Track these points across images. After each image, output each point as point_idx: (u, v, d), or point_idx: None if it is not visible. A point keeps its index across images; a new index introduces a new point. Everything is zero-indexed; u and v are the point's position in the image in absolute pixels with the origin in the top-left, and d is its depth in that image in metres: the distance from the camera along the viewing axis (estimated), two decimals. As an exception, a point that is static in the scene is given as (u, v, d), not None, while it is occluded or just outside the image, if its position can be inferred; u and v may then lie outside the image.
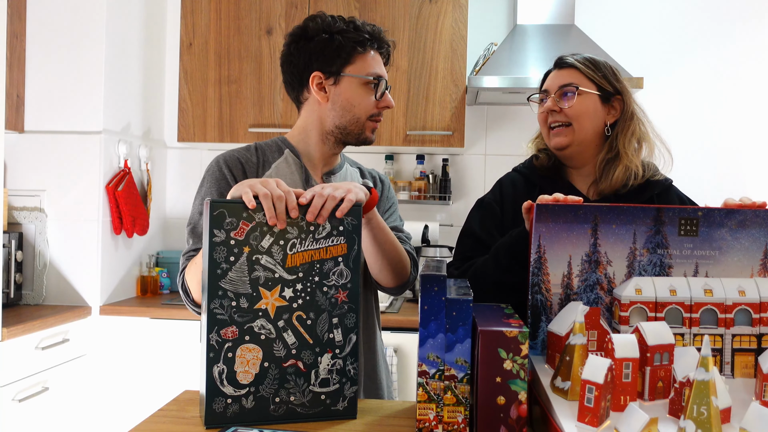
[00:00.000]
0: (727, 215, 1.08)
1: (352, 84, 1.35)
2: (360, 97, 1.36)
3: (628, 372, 0.92)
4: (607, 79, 1.41)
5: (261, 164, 1.38)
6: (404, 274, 1.40)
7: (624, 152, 1.38)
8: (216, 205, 1.01)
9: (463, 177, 3.15)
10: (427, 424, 0.96)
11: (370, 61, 1.36)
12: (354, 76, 1.35)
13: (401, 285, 1.42)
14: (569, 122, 1.39)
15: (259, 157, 1.39)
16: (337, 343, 1.05)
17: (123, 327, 2.62)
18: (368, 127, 1.39)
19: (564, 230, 1.08)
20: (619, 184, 1.38)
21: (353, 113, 1.36)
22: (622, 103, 1.42)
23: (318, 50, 1.34)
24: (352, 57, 1.35)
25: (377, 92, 1.37)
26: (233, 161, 1.36)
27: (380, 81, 1.36)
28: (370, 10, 2.85)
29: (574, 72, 1.41)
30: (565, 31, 2.87)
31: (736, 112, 3.03)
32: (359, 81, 1.35)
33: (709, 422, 0.79)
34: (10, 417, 2.18)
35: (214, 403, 1.01)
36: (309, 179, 1.38)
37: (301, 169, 1.38)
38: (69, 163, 2.63)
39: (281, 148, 1.40)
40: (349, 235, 1.06)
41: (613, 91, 1.41)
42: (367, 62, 1.36)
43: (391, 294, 1.45)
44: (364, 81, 1.35)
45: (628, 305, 1.06)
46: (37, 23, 2.64)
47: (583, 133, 1.39)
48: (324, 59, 1.34)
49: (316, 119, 1.39)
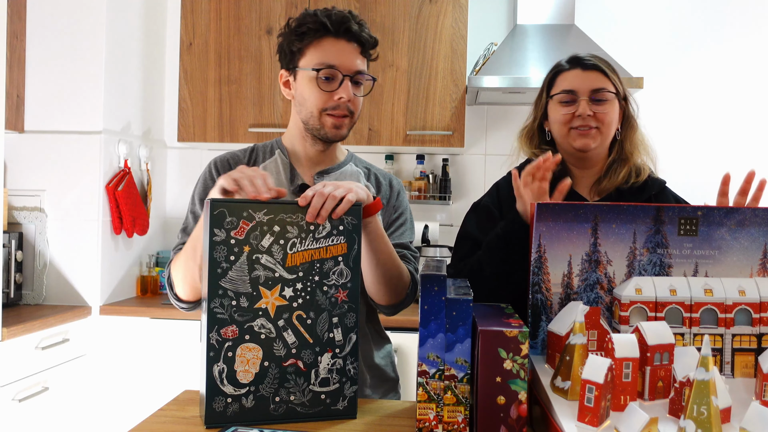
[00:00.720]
0: (726, 215, 1.08)
1: (303, 78, 1.31)
2: (309, 91, 1.30)
3: (628, 372, 0.92)
4: (621, 83, 1.42)
5: (251, 164, 1.39)
6: (400, 292, 1.32)
7: (630, 154, 1.41)
8: (216, 205, 1.01)
9: (463, 177, 3.15)
10: (427, 424, 0.96)
11: (320, 51, 1.29)
12: (303, 69, 1.30)
13: (396, 304, 1.34)
14: (597, 126, 1.38)
15: (251, 158, 1.40)
16: (337, 343, 1.05)
17: (123, 327, 2.62)
18: (326, 123, 1.31)
19: (564, 229, 1.08)
20: (620, 182, 1.41)
21: (306, 107, 1.31)
22: (625, 107, 1.43)
23: (280, 48, 1.35)
24: (303, 50, 1.30)
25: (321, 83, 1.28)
26: (223, 163, 1.38)
27: (323, 71, 1.27)
28: (370, 10, 2.85)
29: (600, 75, 1.40)
30: (565, 31, 2.87)
31: (736, 112, 3.03)
32: (308, 74, 1.30)
33: (710, 422, 0.79)
34: (10, 417, 2.18)
35: (214, 403, 1.01)
36: (295, 179, 1.36)
37: (288, 168, 1.37)
38: (69, 163, 2.63)
39: (274, 149, 1.41)
40: (349, 234, 1.06)
41: (623, 95, 1.42)
42: (318, 53, 1.29)
43: (385, 313, 1.38)
44: (312, 73, 1.29)
45: (628, 305, 1.06)
46: (37, 23, 2.64)
47: (608, 138, 1.41)
48: (284, 56, 1.34)
49: (295, 117, 1.38)
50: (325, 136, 1.33)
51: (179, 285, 1.28)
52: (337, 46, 1.29)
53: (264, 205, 1.03)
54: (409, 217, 1.45)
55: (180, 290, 1.28)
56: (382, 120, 2.84)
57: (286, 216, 1.03)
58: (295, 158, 1.40)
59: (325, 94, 1.29)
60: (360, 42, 1.31)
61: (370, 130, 2.84)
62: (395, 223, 1.42)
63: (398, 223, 1.42)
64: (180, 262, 1.25)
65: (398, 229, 1.41)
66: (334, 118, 1.31)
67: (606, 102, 1.38)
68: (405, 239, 1.41)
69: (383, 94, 2.84)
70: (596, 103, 1.38)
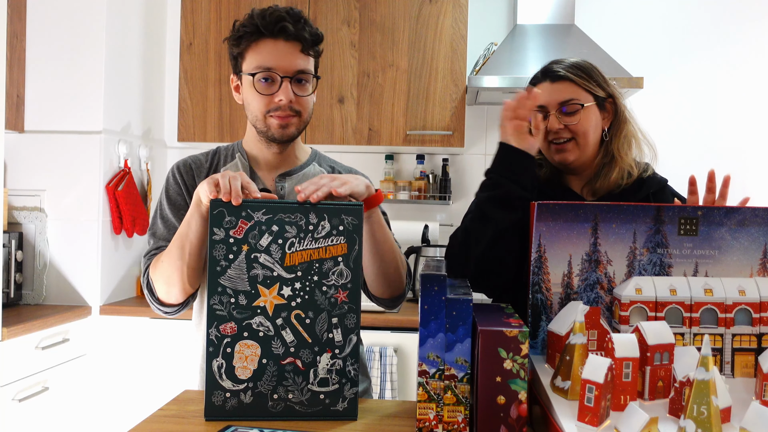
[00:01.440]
0: (726, 215, 1.08)
1: (246, 82, 1.30)
2: (251, 95, 1.29)
3: (628, 371, 0.92)
4: (600, 86, 1.38)
5: (212, 168, 1.39)
6: (399, 284, 1.33)
7: (619, 155, 1.37)
8: (216, 204, 1.03)
9: (463, 177, 3.14)
10: (427, 424, 0.95)
11: (257, 54, 1.26)
12: (245, 74, 1.29)
13: (396, 297, 1.35)
14: (573, 137, 1.36)
15: (213, 162, 1.40)
16: (337, 344, 1.05)
17: (123, 327, 2.62)
18: (272, 124, 1.29)
19: (564, 229, 1.08)
20: (613, 185, 1.38)
21: (251, 112, 1.31)
22: (613, 105, 1.40)
23: (229, 53, 1.34)
24: (244, 53, 1.29)
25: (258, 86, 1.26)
26: (185, 166, 1.38)
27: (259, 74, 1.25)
28: (370, 10, 2.85)
29: (569, 85, 1.36)
30: (565, 31, 2.87)
31: (736, 112, 3.03)
32: (247, 79, 1.28)
33: (710, 422, 0.79)
34: (10, 417, 2.18)
35: (213, 396, 1.02)
36: (256, 182, 1.34)
37: (248, 172, 1.36)
38: (69, 163, 2.63)
39: (234, 153, 1.40)
40: (350, 234, 1.05)
41: (605, 96, 1.39)
42: (256, 56, 1.27)
43: (385, 308, 1.38)
44: (249, 78, 1.27)
45: (628, 305, 1.06)
46: (37, 23, 2.64)
47: (587, 146, 1.37)
48: (231, 61, 1.34)
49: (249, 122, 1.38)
50: (273, 138, 1.31)
51: (162, 288, 1.26)
52: (275, 47, 1.26)
53: (263, 205, 1.03)
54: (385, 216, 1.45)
55: (163, 294, 1.26)
56: (382, 120, 2.84)
57: (284, 216, 1.04)
58: (254, 162, 1.39)
59: (265, 97, 1.27)
60: (299, 40, 1.27)
61: (370, 130, 2.84)
62: None
63: None
64: (164, 265, 1.23)
65: None
66: (279, 119, 1.28)
67: (576, 113, 1.35)
68: None
69: (383, 94, 2.84)
70: (566, 115, 1.35)
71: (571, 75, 1.37)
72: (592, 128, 1.37)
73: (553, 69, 1.39)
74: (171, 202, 1.35)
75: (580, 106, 1.35)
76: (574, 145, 1.36)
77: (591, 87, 1.37)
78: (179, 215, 1.33)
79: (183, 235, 1.19)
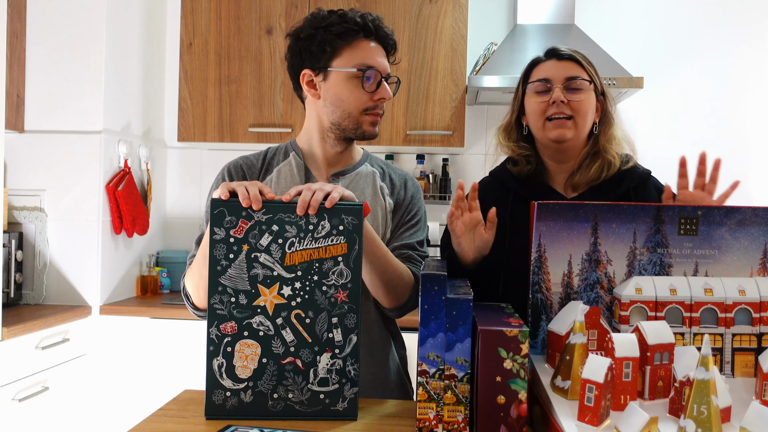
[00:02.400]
0: (726, 214, 1.08)
1: (339, 78, 1.30)
2: (348, 91, 1.30)
3: (628, 371, 0.92)
4: (599, 77, 1.41)
5: (265, 169, 1.38)
6: (401, 294, 1.31)
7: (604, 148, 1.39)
8: (216, 204, 1.03)
9: (463, 177, 3.14)
10: (427, 424, 0.96)
11: (359, 52, 1.30)
12: (340, 70, 1.30)
13: (399, 306, 1.33)
14: (572, 116, 1.35)
15: (265, 162, 1.39)
16: (337, 343, 1.05)
17: (123, 327, 2.62)
18: (365, 122, 1.32)
19: (564, 229, 1.08)
20: (594, 177, 1.38)
21: (343, 108, 1.31)
22: (603, 103, 1.41)
23: (306, 47, 1.32)
24: (338, 50, 1.30)
25: (365, 84, 1.30)
26: (236, 167, 1.38)
27: (367, 72, 1.29)
28: (370, 9, 2.83)
29: (576, 65, 1.38)
30: (565, 31, 2.87)
31: (736, 112, 3.03)
32: (346, 74, 1.30)
33: (710, 421, 0.79)
34: (10, 417, 2.18)
35: (213, 395, 1.03)
36: (310, 180, 1.35)
37: (303, 171, 1.37)
38: (69, 163, 2.63)
39: (288, 151, 1.40)
40: (350, 234, 1.05)
41: (600, 90, 1.41)
42: (356, 54, 1.30)
43: (391, 315, 1.38)
44: (351, 74, 1.29)
45: (628, 304, 1.06)
46: (37, 23, 2.64)
47: (584, 129, 1.38)
48: (311, 56, 1.32)
49: (315, 118, 1.36)
50: (362, 135, 1.34)
51: (194, 295, 1.28)
52: (371, 49, 1.31)
53: (263, 205, 1.03)
54: (422, 218, 1.43)
55: (196, 300, 1.28)
56: (382, 120, 2.83)
57: (284, 216, 1.04)
58: (310, 160, 1.39)
59: (366, 94, 1.30)
60: (386, 43, 1.35)
61: (370, 130, 2.84)
62: (408, 223, 1.40)
63: (410, 224, 1.40)
64: (194, 272, 1.25)
65: (410, 229, 1.40)
66: (372, 117, 1.33)
67: (581, 91, 1.36)
68: (413, 239, 1.39)
69: (383, 94, 2.84)
70: (571, 92, 1.36)
71: (578, 57, 1.39)
72: (590, 111, 1.38)
73: (560, 49, 1.41)
74: None
75: (587, 83, 1.36)
76: (573, 123, 1.36)
77: (593, 73, 1.39)
78: None
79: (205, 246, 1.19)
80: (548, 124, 1.37)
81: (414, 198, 1.43)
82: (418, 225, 1.41)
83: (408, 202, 1.41)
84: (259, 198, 1.04)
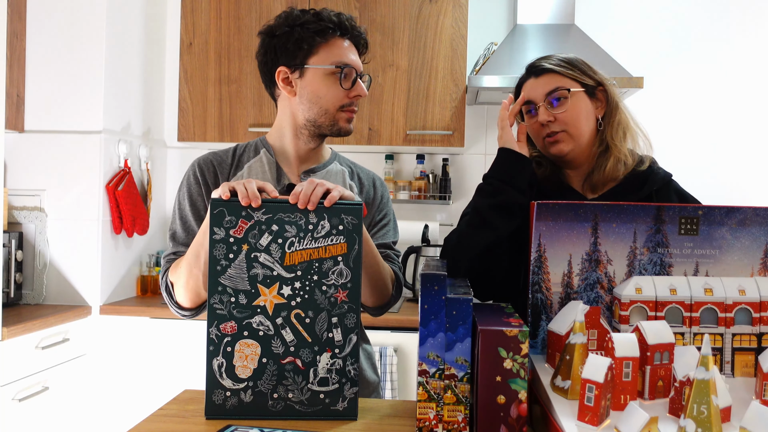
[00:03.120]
0: (727, 214, 1.08)
1: (316, 75, 1.32)
2: (326, 88, 1.32)
3: (628, 371, 0.92)
4: (585, 74, 1.37)
5: (235, 165, 1.39)
6: (385, 293, 1.33)
7: (613, 143, 1.36)
8: (216, 204, 1.03)
9: (463, 177, 3.14)
10: (427, 424, 0.95)
11: (335, 50, 1.32)
12: (317, 67, 1.32)
13: (381, 305, 1.36)
14: (564, 128, 1.34)
15: (234, 158, 1.40)
16: (337, 343, 1.05)
17: (123, 327, 2.62)
18: (341, 118, 1.34)
19: (564, 229, 1.08)
20: (610, 176, 1.36)
21: (320, 105, 1.33)
22: (605, 94, 1.38)
23: (281, 45, 1.33)
24: (315, 48, 1.32)
25: (342, 81, 1.32)
26: (207, 163, 1.38)
27: (344, 69, 1.31)
28: (370, 9, 2.85)
29: (553, 76, 1.35)
30: (565, 31, 2.87)
31: (736, 112, 3.03)
32: (323, 71, 1.32)
33: (710, 421, 0.79)
34: (10, 416, 2.18)
35: (213, 395, 1.03)
36: (282, 177, 1.36)
37: (275, 168, 1.37)
38: (69, 163, 2.63)
39: (258, 148, 1.40)
40: (349, 234, 1.05)
41: (595, 84, 1.37)
42: (332, 52, 1.32)
43: (371, 314, 1.39)
44: (329, 71, 1.31)
45: (628, 304, 1.06)
46: (37, 23, 2.64)
47: (581, 135, 1.35)
48: (287, 53, 1.33)
49: (288, 115, 1.37)
50: (338, 132, 1.36)
51: (180, 293, 1.28)
52: (346, 48, 1.34)
53: (263, 205, 1.03)
54: (392, 218, 1.46)
55: (181, 298, 1.28)
56: (382, 120, 2.84)
57: (284, 215, 1.04)
58: (281, 156, 1.40)
59: (343, 91, 1.33)
60: (359, 43, 1.37)
61: (370, 130, 2.84)
62: (379, 223, 1.43)
63: (382, 224, 1.43)
64: (181, 271, 1.25)
65: (382, 229, 1.42)
66: (347, 113, 1.35)
67: (564, 101, 1.34)
68: (388, 239, 1.42)
69: (383, 94, 2.84)
70: (555, 107, 1.34)
71: (554, 66, 1.36)
72: (582, 116, 1.35)
73: (535, 65, 1.39)
74: (191, 202, 1.35)
75: (566, 92, 1.34)
76: (566, 135, 1.34)
77: (576, 76, 1.36)
78: (199, 216, 1.34)
79: (199, 244, 1.20)
80: (546, 141, 1.37)
81: (383, 198, 1.45)
82: (390, 225, 1.44)
83: (379, 202, 1.44)
84: (258, 195, 1.04)
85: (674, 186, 1.41)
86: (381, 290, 1.32)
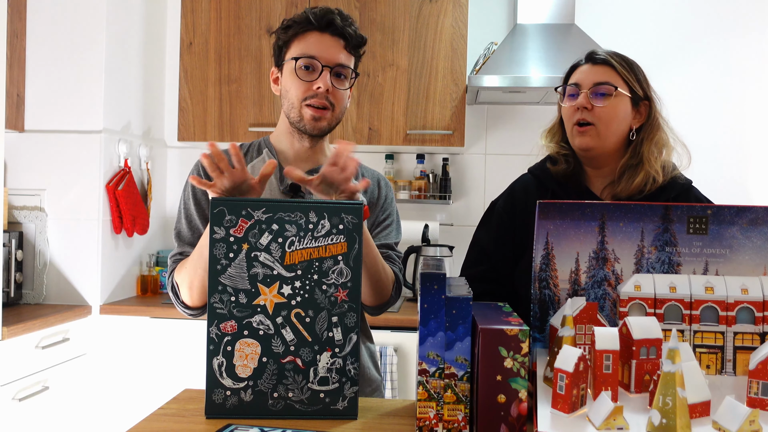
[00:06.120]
0: (738, 213, 1.07)
1: (287, 70, 1.33)
2: (291, 81, 1.31)
3: (608, 363, 0.94)
4: (639, 83, 1.35)
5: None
6: (384, 293, 1.33)
7: (647, 159, 1.34)
8: (216, 203, 1.03)
9: (463, 176, 3.14)
10: (428, 423, 0.95)
11: (304, 44, 1.30)
12: (286, 62, 1.33)
13: (381, 305, 1.35)
14: (596, 123, 1.32)
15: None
16: (337, 342, 1.05)
17: (123, 326, 2.62)
18: (305, 114, 1.31)
19: (571, 227, 1.08)
20: (635, 190, 1.34)
21: (288, 99, 1.33)
22: (648, 109, 1.37)
23: (273, 47, 1.37)
24: (289, 44, 1.32)
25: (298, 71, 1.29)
26: None
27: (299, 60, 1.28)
28: (370, 9, 2.85)
29: (609, 70, 1.35)
30: (565, 31, 2.87)
31: (737, 112, 3.03)
32: (290, 65, 1.31)
33: (674, 412, 0.82)
34: (10, 416, 2.18)
35: (213, 394, 1.03)
36: (285, 178, 1.36)
37: (277, 168, 1.36)
38: (69, 163, 2.63)
39: (261, 148, 1.41)
40: (350, 233, 1.05)
41: (642, 95, 1.36)
42: (301, 45, 1.30)
43: (370, 314, 1.39)
44: (294, 64, 1.30)
45: (626, 301, 1.06)
46: (37, 23, 2.64)
47: (609, 137, 1.34)
48: (275, 54, 1.36)
49: (282, 115, 1.39)
50: (304, 129, 1.33)
51: (186, 293, 1.28)
52: (321, 40, 1.30)
53: (263, 204, 1.03)
54: (395, 218, 1.45)
55: (187, 297, 1.29)
56: (382, 119, 2.84)
57: (284, 215, 1.04)
58: (283, 157, 1.40)
59: (304, 83, 1.29)
60: (344, 37, 1.32)
61: (370, 130, 2.84)
62: (382, 223, 1.42)
63: (385, 224, 1.42)
64: (187, 270, 1.26)
65: (385, 229, 1.42)
66: (313, 110, 1.30)
67: (607, 97, 1.32)
68: (390, 240, 1.41)
69: (383, 94, 2.84)
70: (597, 98, 1.33)
71: (613, 61, 1.36)
72: (617, 119, 1.34)
73: (596, 52, 1.38)
74: (196, 201, 1.36)
75: (613, 88, 1.33)
76: (595, 131, 1.33)
77: (630, 79, 1.35)
78: (204, 215, 1.35)
79: (204, 245, 1.20)
80: (575, 129, 1.35)
81: (387, 198, 1.44)
82: (393, 225, 1.43)
83: (383, 202, 1.43)
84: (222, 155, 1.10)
85: (694, 192, 1.39)
86: (380, 290, 1.31)
